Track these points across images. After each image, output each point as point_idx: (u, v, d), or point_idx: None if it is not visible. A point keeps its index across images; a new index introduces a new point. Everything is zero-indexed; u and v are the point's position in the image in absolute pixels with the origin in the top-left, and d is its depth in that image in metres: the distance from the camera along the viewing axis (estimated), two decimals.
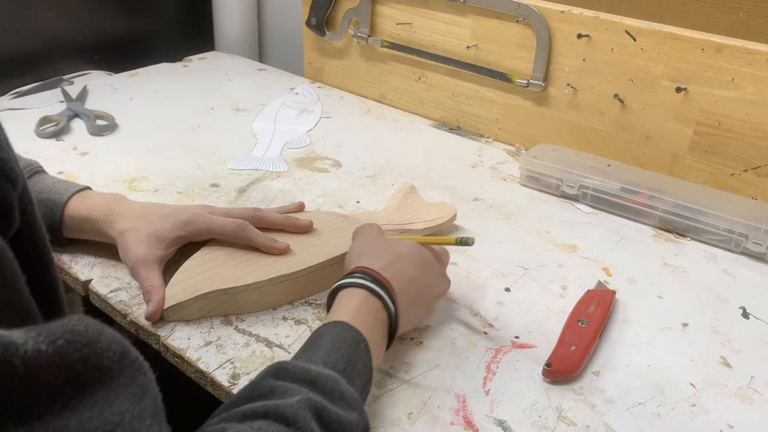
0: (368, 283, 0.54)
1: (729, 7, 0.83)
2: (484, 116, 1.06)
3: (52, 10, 1.17)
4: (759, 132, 0.82)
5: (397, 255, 0.59)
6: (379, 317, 0.54)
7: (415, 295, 0.58)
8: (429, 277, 0.60)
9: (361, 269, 0.56)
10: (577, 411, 0.56)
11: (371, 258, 0.58)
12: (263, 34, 1.47)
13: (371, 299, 0.54)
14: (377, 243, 0.61)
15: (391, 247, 0.60)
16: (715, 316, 0.68)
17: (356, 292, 0.54)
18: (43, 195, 0.68)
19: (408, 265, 0.58)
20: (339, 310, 0.53)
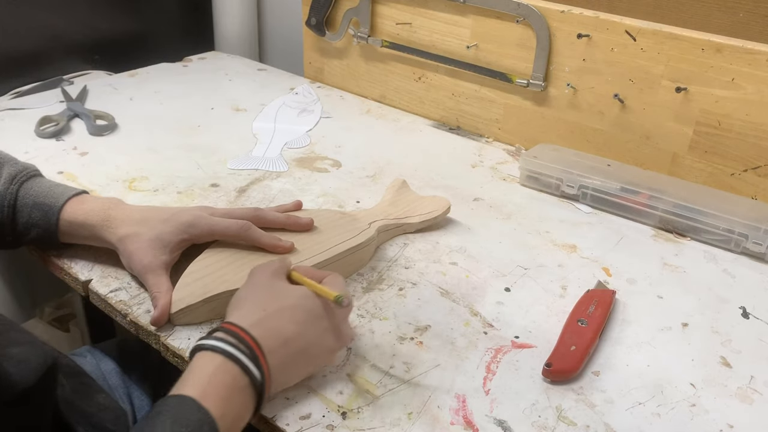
0: (226, 347, 0.49)
1: (729, 7, 0.83)
2: (484, 116, 1.06)
3: (52, 10, 1.17)
4: (759, 132, 0.82)
5: (276, 308, 0.53)
6: (237, 386, 0.48)
7: (292, 354, 0.52)
8: (311, 334, 0.54)
9: (226, 326, 0.51)
10: (577, 411, 0.56)
11: (245, 311, 0.53)
12: (263, 34, 1.48)
13: (228, 365, 0.48)
14: (260, 291, 0.55)
15: (274, 296, 0.54)
16: (715, 316, 0.68)
17: (212, 357, 0.48)
18: (39, 199, 0.67)
19: (286, 320, 0.53)
20: (190, 378, 0.48)
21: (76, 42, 1.22)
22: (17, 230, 0.68)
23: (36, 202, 0.67)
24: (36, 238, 0.68)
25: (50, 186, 0.69)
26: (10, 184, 0.68)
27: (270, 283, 0.56)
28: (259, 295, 0.54)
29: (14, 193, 0.67)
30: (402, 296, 0.69)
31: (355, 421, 0.54)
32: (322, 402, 0.55)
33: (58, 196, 0.68)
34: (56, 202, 0.67)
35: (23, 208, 0.67)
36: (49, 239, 0.68)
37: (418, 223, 0.78)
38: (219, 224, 0.67)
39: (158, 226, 0.66)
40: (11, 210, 0.67)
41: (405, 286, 0.70)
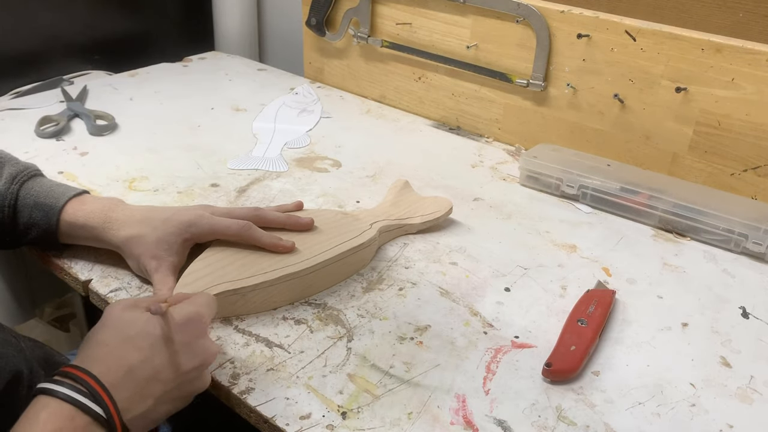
0: (60, 388, 0.46)
1: (729, 7, 0.83)
2: (484, 116, 1.06)
3: (52, 10, 1.17)
4: (759, 132, 0.82)
5: (119, 341, 0.50)
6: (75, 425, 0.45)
7: (142, 382, 0.49)
8: (161, 357, 0.51)
9: (64, 369, 0.48)
10: (577, 411, 0.56)
11: (88, 349, 0.50)
12: (263, 34, 1.48)
13: (62, 408, 0.45)
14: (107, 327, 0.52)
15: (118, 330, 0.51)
16: (715, 316, 0.68)
17: (46, 402, 0.46)
18: (39, 199, 0.67)
19: (129, 350, 0.50)
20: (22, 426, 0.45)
21: (76, 42, 1.22)
22: (17, 230, 0.68)
23: (37, 202, 0.67)
24: (36, 238, 0.68)
25: (51, 186, 0.69)
26: (11, 183, 0.68)
27: (117, 318, 0.52)
28: (103, 333, 0.51)
29: (15, 193, 0.67)
30: (402, 296, 0.69)
31: (355, 421, 0.54)
32: (322, 402, 0.55)
33: (58, 196, 0.68)
34: (57, 203, 0.67)
35: (24, 208, 0.67)
36: (49, 240, 0.68)
37: (420, 223, 0.78)
38: (220, 224, 0.67)
39: (160, 227, 0.66)
40: (12, 210, 0.67)
41: (405, 286, 0.70)
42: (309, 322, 0.64)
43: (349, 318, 0.65)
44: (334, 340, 0.62)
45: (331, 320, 0.65)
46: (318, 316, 0.65)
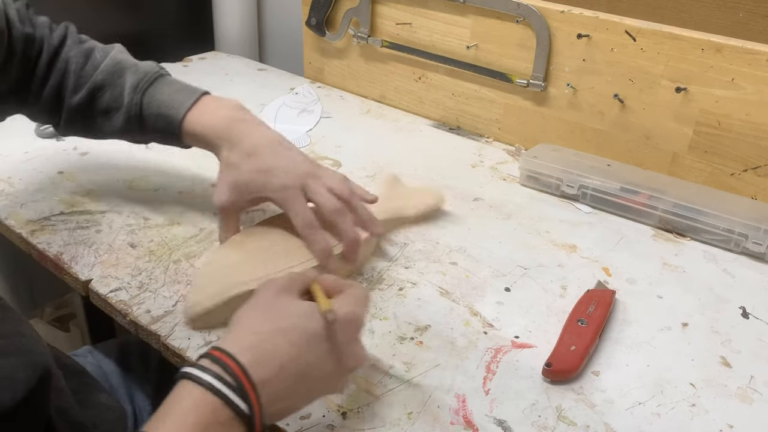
0: (208, 377, 0.44)
1: (729, 7, 0.83)
2: (484, 116, 1.06)
3: (52, 10, 1.17)
4: (759, 132, 0.82)
5: (271, 330, 0.48)
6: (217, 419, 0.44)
7: (289, 380, 0.47)
8: (313, 355, 0.48)
9: (213, 353, 0.46)
10: (577, 411, 0.56)
11: (238, 333, 0.48)
12: (263, 34, 1.48)
13: (208, 398, 0.44)
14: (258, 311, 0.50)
15: (271, 317, 0.49)
16: (715, 316, 0.68)
17: (192, 389, 0.44)
18: (162, 109, 0.70)
19: (282, 343, 0.47)
20: (165, 410, 0.44)
21: None
22: (147, 134, 0.72)
23: (159, 112, 0.70)
24: (163, 140, 0.73)
25: (171, 93, 0.71)
26: (134, 93, 0.71)
27: (272, 302, 0.50)
28: (256, 316, 0.49)
29: (139, 103, 0.71)
30: (402, 296, 0.69)
31: (355, 421, 0.54)
32: (322, 402, 0.55)
33: (179, 105, 0.70)
34: (177, 114, 0.70)
35: (149, 117, 0.71)
36: (175, 143, 0.73)
37: (414, 215, 0.78)
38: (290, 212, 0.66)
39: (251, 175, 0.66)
40: (138, 119, 0.71)
41: (405, 286, 0.70)
42: None
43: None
44: None
45: None
46: None
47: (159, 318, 0.63)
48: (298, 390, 0.48)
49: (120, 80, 0.72)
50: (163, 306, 0.65)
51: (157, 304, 0.65)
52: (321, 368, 0.49)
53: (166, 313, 0.64)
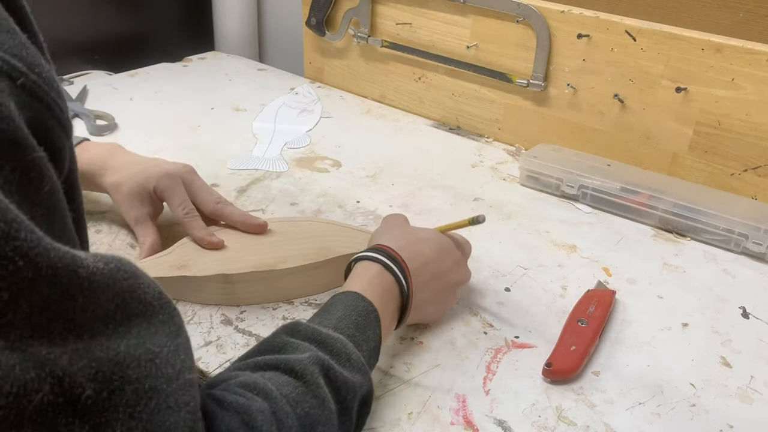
0: (383, 258, 0.56)
1: (729, 7, 0.83)
2: (484, 116, 1.06)
3: (52, 10, 1.17)
4: (759, 132, 0.82)
5: (415, 238, 0.61)
6: (391, 291, 0.56)
7: (430, 276, 0.59)
8: (446, 262, 0.62)
9: (378, 246, 0.58)
10: (577, 411, 0.56)
11: (390, 237, 0.60)
12: (263, 34, 1.47)
13: (384, 274, 0.56)
14: (398, 226, 0.64)
15: (412, 231, 0.63)
16: (715, 316, 0.68)
17: (370, 265, 0.56)
18: None
19: (425, 247, 0.60)
20: (353, 281, 0.55)
21: (76, 42, 1.22)
22: None
23: None
24: None
25: None
26: None
27: (403, 224, 0.64)
28: (399, 229, 0.62)
29: None
30: None
31: None
32: None
33: None
34: None
35: None
36: None
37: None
38: (174, 197, 0.69)
39: (137, 176, 0.70)
40: None
41: None
42: None
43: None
44: None
45: None
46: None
47: None
48: (433, 287, 0.60)
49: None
50: None
51: None
52: (450, 272, 0.62)
53: None
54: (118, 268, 0.31)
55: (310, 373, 0.43)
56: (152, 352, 0.31)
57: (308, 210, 0.83)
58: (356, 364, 0.47)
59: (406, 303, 0.57)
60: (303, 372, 0.43)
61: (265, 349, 0.46)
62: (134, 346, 0.31)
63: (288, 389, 0.41)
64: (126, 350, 0.30)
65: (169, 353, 0.32)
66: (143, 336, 0.31)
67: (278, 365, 0.43)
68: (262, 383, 0.41)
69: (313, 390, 0.43)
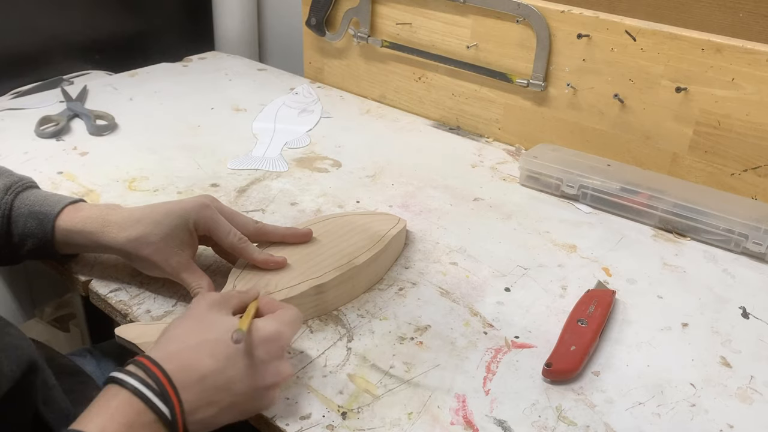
0: (133, 381, 0.46)
1: (729, 7, 0.83)
2: (484, 116, 1.06)
3: (52, 10, 1.17)
4: (759, 132, 0.82)
5: (196, 342, 0.50)
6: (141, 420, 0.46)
7: (211, 390, 0.49)
8: (234, 369, 0.50)
9: (139, 359, 0.48)
10: (577, 411, 0.56)
11: (164, 344, 0.51)
12: (263, 34, 1.47)
13: (132, 401, 0.46)
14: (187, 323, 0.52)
15: (198, 329, 0.52)
16: (715, 316, 0.68)
17: (117, 391, 0.46)
18: (34, 208, 0.65)
19: (205, 354, 0.50)
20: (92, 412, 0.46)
21: (76, 42, 1.22)
22: (13, 242, 0.66)
23: (31, 211, 0.65)
24: (33, 249, 0.66)
25: (46, 195, 0.67)
26: (5, 194, 0.66)
27: (202, 315, 0.53)
28: (184, 328, 0.52)
29: (9, 203, 0.65)
30: (402, 296, 0.69)
31: (355, 421, 0.54)
32: (322, 402, 0.55)
33: (53, 204, 0.66)
34: (52, 210, 0.65)
35: (18, 218, 0.65)
36: (46, 249, 0.66)
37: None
38: (221, 226, 0.65)
39: (164, 222, 0.63)
40: (6, 220, 0.65)
41: (405, 286, 0.70)
42: (309, 322, 0.64)
43: (349, 318, 0.65)
44: (334, 340, 0.62)
45: (331, 320, 0.65)
46: (318, 316, 0.65)
47: (159, 318, 0.63)
48: (221, 401, 0.50)
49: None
50: (163, 306, 0.65)
51: (157, 304, 0.65)
52: (241, 382, 0.50)
53: (165, 313, 0.64)
54: None
55: None
56: None
57: (308, 210, 0.83)
58: None
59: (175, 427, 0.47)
60: None
61: None
62: None
63: None
64: None
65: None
66: None
67: None
68: None
69: None
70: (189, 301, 0.65)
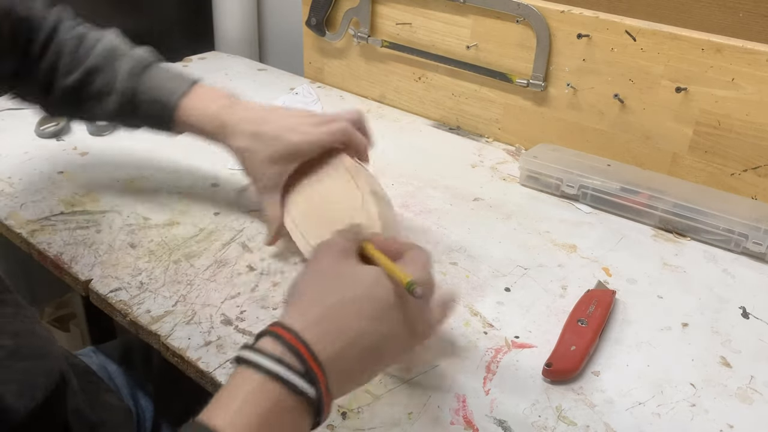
0: (269, 363, 0.39)
1: (729, 7, 0.83)
2: (484, 116, 1.06)
3: None
4: (759, 132, 0.82)
5: (338, 301, 0.43)
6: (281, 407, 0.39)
7: (359, 355, 0.43)
8: (386, 327, 0.44)
9: (275, 330, 0.41)
10: (577, 411, 0.56)
11: (301, 306, 0.43)
12: (263, 34, 1.48)
13: (270, 386, 0.39)
14: (320, 280, 0.45)
15: (336, 286, 0.44)
16: (715, 316, 0.68)
17: (250, 375, 0.39)
18: (155, 95, 0.71)
19: (352, 316, 0.43)
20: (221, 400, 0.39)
21: None
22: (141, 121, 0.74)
23: (152, 98, 0.71)
24: (155, 127, 0.74)
25: (163, 79, 0.73)
26: (128, 78, 0.72)
27: (333, 268, 0.45)
28: (319, 285, 0.44)
29: (132, 89, 0.72)
30: None
31: (355, 421, 0.54)
32: None
33: (170, 93, 0.71)
34: (169, 101, 0.71)
35: (142, 104, 0.72)
36: (168, 130, 0.74)
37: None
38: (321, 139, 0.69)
39: (271, 145, 0.68)
40: (131, 105, 0.72)
41: None
42: None
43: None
44: None
45: None
46: None
47: (159, 318, 0.63)
48: (368, 364, 0.44)
49: (114, 65, 0.72)
50: (163, 306, 0.65)
51: (157, 304, 0.65)
52: (394, 340, 0.44)
53: (166, 313, 0.64)
54: None
55: None
56: None
57: None
58: None
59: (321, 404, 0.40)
60: None
61: None
62: None
63: None
64: None
65: None
66: None
67: None
68: None
69: None
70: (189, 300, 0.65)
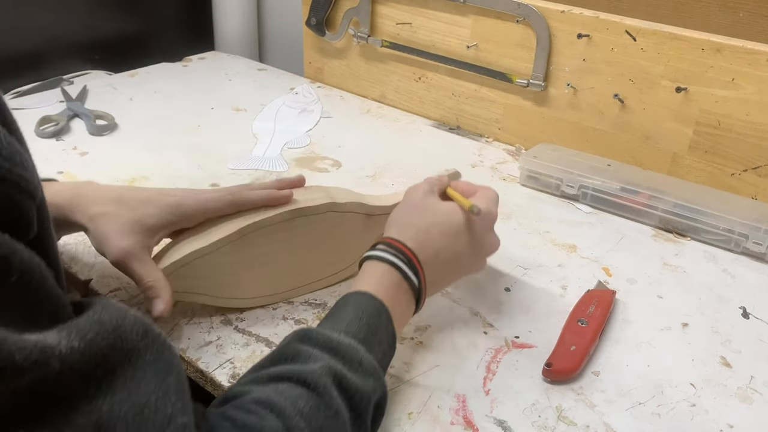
0: (389, 256, 0.55)
1: (729, 7, 0.83)
2: (484, 116, 1.06)
3: (52, 10, 1.17)
4: (759, 132, 0.82)
5: (427, 224, 0.59)
6: (401, 286, 0.55)
7: (443, 263, 0.59)
8: (459, 244, 0.59)
9: (387, 240, 0.57)
10: (577, 411, 0.56)
11: (400, 228, 0.59)
12: (263, 34, 1.47)
13: (391, 271, 0.55)
14: (413, 210, 0.61)
15: (425, 214, 0.60)
16: (715, 316, 0.68)
17: (378, 264, 0.55)
18: None
19: (437, 234, 0.58)
20: (363, 280, 0.55)
21: (76, 42, 1.22)
22: None
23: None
24: None
25: None
26: None
27: (421, 202, 0.61)
28: (412, 213, 0.60)
29: None
30: None
31: None
32: None
33: None
34: None
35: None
36: None
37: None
38: (210, 199, 0.61)
39: (139, 208, 0.59)
40: None
41: None
42: (309, 322, 0.64)
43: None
44: None
45: None
46: (318, 316, 0.65)
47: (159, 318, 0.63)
48: (448, 271, 0.60)
49: None
50: None
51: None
52: (466, 254, 0.60)
53: None
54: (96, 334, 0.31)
55: (323, 384, 0.43)
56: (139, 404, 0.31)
57: None
58: (368, 369, 0.47)
59: (420, 293, 0.56)
60: (316, 384, 0.43)
61: (278, 358, 0.46)
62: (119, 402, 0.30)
63: (301, 403, 0.42)
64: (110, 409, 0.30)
65: (158, 400, 0.32)
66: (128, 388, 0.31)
67: (291, 376, 0.43)
68: (276, 399, 0.41)
69: (326, 402, 0.43)
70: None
